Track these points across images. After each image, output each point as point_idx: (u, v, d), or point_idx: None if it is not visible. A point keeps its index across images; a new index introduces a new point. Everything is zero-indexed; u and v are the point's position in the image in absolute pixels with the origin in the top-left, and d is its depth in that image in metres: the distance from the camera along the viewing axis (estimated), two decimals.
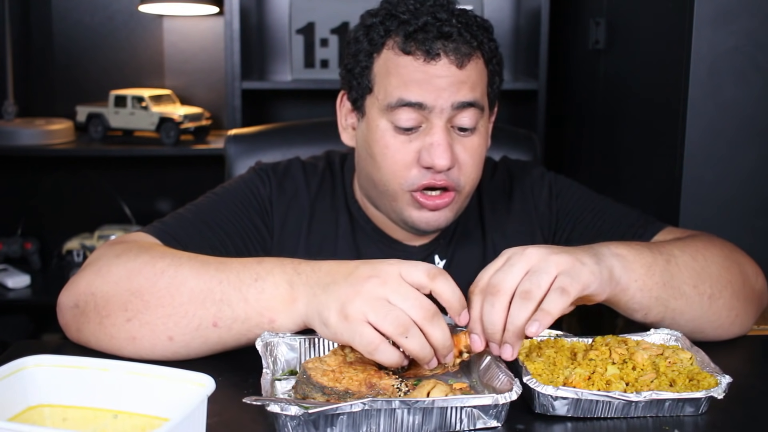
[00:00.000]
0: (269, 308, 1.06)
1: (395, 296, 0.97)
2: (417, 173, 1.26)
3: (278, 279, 1.06)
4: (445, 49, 1.24)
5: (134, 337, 1.08)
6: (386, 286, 0.98)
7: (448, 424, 0.91)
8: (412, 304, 0.97)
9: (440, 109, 1.24)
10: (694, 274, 1.17)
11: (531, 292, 0.99)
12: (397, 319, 0.95)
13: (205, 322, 1.07)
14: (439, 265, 1.39)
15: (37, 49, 3.07)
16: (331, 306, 0.99)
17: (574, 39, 2.60)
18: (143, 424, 0.83)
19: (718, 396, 0.95)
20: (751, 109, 1.72)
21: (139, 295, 1.08)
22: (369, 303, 0.96)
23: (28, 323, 3.01)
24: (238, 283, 1.07)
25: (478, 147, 1.30)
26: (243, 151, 1.72)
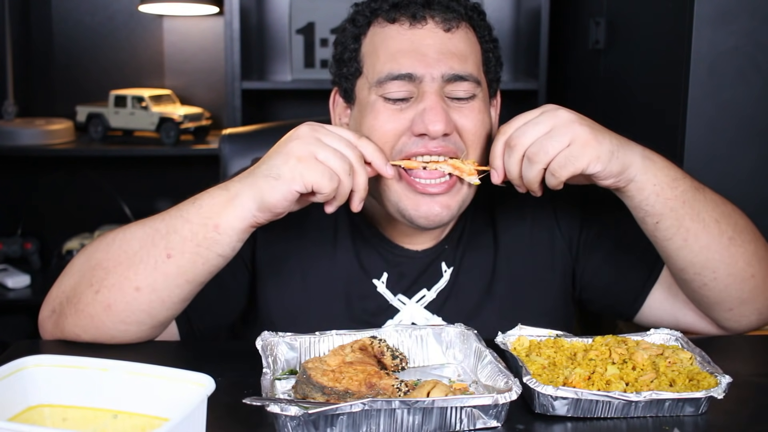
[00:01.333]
0: (210, 215, 1.10)
1: (329, 139, 1.09)
2: (409, 141, 1.20)
3: (213, 191, 1.12)
4: (431, 13, 1.22)
5: (108, 304, 1.13)
6: (318, 131, 1.10)
7: (448, 424, 0.91)
8: (346, 144, 1.11)
9: (431, 78, 1.20)
10: (719, 211, 1.19)
11: (537, 156, 1.11)
12: (342, 159, 1.09)
13: (160, 258, 1.11)
14: (446, 273, 1.32)
15: (37, 49, 3.07)
16: (274, 163, 1.08)
17: (574, 39, 2.60)
18: (143, 424, 0.83)
19: (718, 396, 0.95)
20: (751, 109, 1.72)
21: (98, 265, 1.14)
22: (310, 144, 1.08)
23: (28, 323, 3.01)
24: (179, 211, 1.13)
25: (480, 113, 1.23)
26: (238, 151, 1.71)
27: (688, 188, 1.17)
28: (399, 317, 1.30)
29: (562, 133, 1.10)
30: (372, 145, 1.14)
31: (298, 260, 1.32)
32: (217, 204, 1.10)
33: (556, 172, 1.11)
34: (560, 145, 1.10)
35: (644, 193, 1.15)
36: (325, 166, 1.07)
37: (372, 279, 1.31)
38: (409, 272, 1.32)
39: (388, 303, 1.31)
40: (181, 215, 1.12)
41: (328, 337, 1.09)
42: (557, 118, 1.11)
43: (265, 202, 1.08)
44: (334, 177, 1.08)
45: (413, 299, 1.31)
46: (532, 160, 1.11)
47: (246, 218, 1.09)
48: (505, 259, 1.34)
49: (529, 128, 1.11)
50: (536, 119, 1.12)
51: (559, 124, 1.11)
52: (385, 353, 1.06)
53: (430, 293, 1.31)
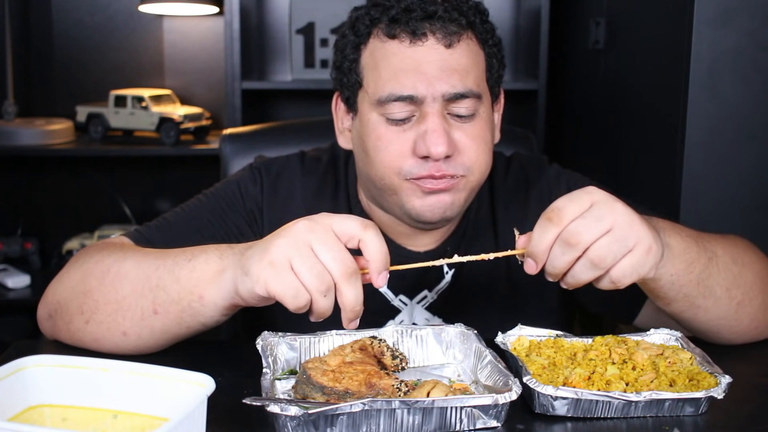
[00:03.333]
0: (198, 284, 1.02)
1: (319, 245, 0.93)
2: (413, 163, 1.19)
3: (210, 255, 1.03)
4: (432, 29, 1.19)
5: (96, 338, 1.11)
6: (312, 232, 0.93)
7: (448, 424, 0.91)
8: (335, 257, 0.93)
9: (432, 98, 1.18)
10: (731, 277, 1.14)
11: (604, 261, 0.96)
12: (320, 276, 0.92)
13: (147, 310, 1.07)
14: (448, 275, 1.32)
15: (37, 49, 3.07)
16: (254, 256, 0.95)
17: (574, 39, 2.60)
18: (143, 424, 0.83)
19: (718, 396, 0.95)
20: (751, 109, 1.72)
21: (90, 295, 1.11)
22: (294, 247, 0.93)
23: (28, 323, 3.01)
24: (173, 266, 1.05)
25: (481, 132, 1.22)
26: (238, 151, 1.70)
27: (702, 268, 1.10)
28: (400, 318, 1.30)
29: (627, 236, 0.96)
30: (378, 247, 0.96)
31: None
32: (207, 273, 1.02)
33: (619, 281, 0.98)
34: (624, 250, 0.96)
35: (660, 282, 1.08)
36: (294, 280, 0.93)
37: None
38: (410, 273, 1.30)
39: (390, 303, 1.31)
40: (173, 272, 1.05)
41: (328, 337, 1.09)
42: (617, 213, 0.97)
43: (238, 292, 0.99)
44: (302, 295, 0.93)
45: (414, 300, 1.31)
46: (597, 265, 0.96)
47: (227, 297, 1.01)
48: (505, 262, 1.34)
49: (590, 225, 0.96)
50: (593, 213, 0.96)
51: (622, 223, 0.96)
52: (385, 353, 1.05)
53: (432, 294, 1.32)
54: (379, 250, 0.95)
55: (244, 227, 1.32)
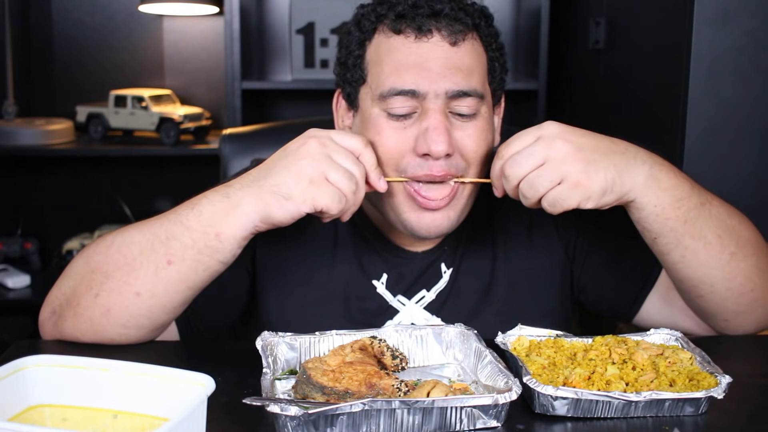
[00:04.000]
0: (211, 224, 1.09)
1: (337, 155, 1.09)
2: (413, 161, 1.19)
3: (212, 197, 1.11)
4: (438, 26, 1.19)
5: (108, 309, 1.12)
6: (326, 147, 1.09)
7: (448, 424, 0.91)
8: (353, 161, 1.10)
9: (434, 95, 1.18)
10: (724, 227, 1.18)
11: (528, 192, 1.10)
12: (351, 179, 1.09)
13: (160, 264, 1.11)
14: (446, 275, 1.32)
15: (37, 49, 3.07)
16: (285, 181, 1.07)
17: (574, 39, 2.60)
18: (143, 424, 0.83)
19: (718, 396, 0.95)
20: (751, 109, 1.72)
21: (98, 269, 1.14)
22: (322, 162, 1.07)
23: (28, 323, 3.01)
24: (178, 217, 1.11)
25: (482, 132, 1.22)
26: (238, 151, 1.70)
27: (692, 207, 1.15)
28: (398, 318, 1.30)
29: (552, 170, 1.08)
30: (373, 158, 1.14)
31: (298, 262, 1.32)
32: (219, 211, 1.09)
33: (547, 209, 1.11)
34: (550, 184, 1.09)
35: (643, 212, 1.14)
36: (335, 189, 1.08)
37: (372, 280, 1.31)
38: (408, 273, 1.32)
39: (388, 304, 1.31)
40: (181, 221, 1.11)
41: (328, 337, 1.09)
42: (552, 149, 1.09)
43: (271, 217, 1.08)
44: (343, 199, 1.08)
45: (413, 300, 1.31)
46: (524, 194, 1.11)
47: (248, 228, 1.09)
48: (503, 261, 1.34)
49: (522, 159, 1.10)
50: (530, 149, 1.10)
51: (552, 158, 1.09)
52: (385, 353, 1.05)
53: (430, 294, 1.32)
54: (375, 164, 1.14)
55: None
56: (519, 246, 1.35)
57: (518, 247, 1.35)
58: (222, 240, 1.09)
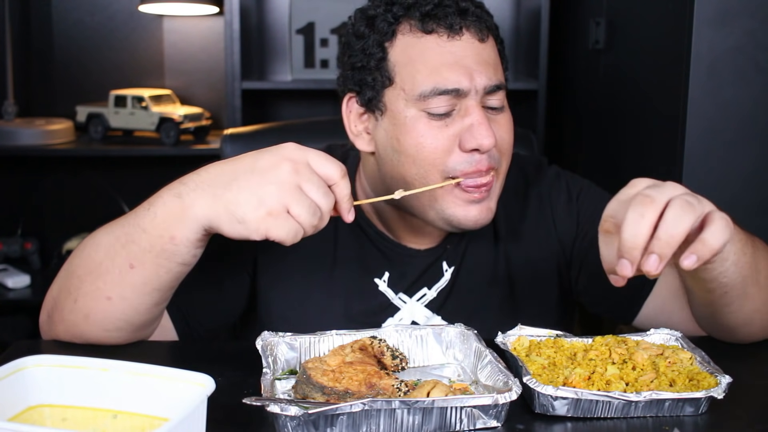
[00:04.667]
0: (165, 227, 1.04)
1: (308, 185, 0.99)
2: (459, 158, 1.20)
3: (166, 198, 1.05)
4: (465, 24, 1.21)
5: (86, 314, 1.11)
6: (299, 174, 0.99)
7: (448, 424, 0.91)
8: (324, 193, 1.00)
9: (475, 91, 1.20)
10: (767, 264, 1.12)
11: (693, 204, 0.89)
12: (315, 213, 1.00)
13: (123, 268, 1.07)
14: (447, 272, 1.33)
15: (37, 49, 3.07)
16: (244, 201, 0.99)
17: (574, 39, 2.60)
18: (143, 424, 0.83)
19: (718, 396, 0.95)
20: (751, 109, 1.72)
21: (74, 273, 1.13)
22: (288, 193, 0.98)
23: (28, 323, 3.01)
24: (135, 219, 1.07)
25: (509, 123, 1.26)
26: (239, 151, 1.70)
27: (752, 249, 1.06)
28: (399, 315, 1.31)
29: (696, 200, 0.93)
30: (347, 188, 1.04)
31: (299, 260, 1.32)
32: (171, 214, 1.04)
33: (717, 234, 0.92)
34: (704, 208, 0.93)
35: (726, 263, 1.03)
36: (294, 222, 0.99)
37: (374, 278, 1.32)
38: (410, 271, 1.33)
39: (389, 301, 1.31)
40: (138, 224, 1.07)
41: (328, 337, 1.09)
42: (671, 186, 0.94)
43: (219, 230, 1.02)
44: (300, 232, 1.00)
45: (414, 298, 1.32)
46: (688, 207, 0.90)
47: (199, 231, 1.03)
48: (504, 260, 1.35)
49: (658, 188, 0.92)
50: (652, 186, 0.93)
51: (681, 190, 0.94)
52: (385, 353, 1.06)
53: (431, 292, 1.32)
54: (348, 192, 1.04)
55: None
56: (519, 245, 1.36)
57: (519, 246, 1.36)
58: (177, 243, 1.04)
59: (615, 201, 0.95)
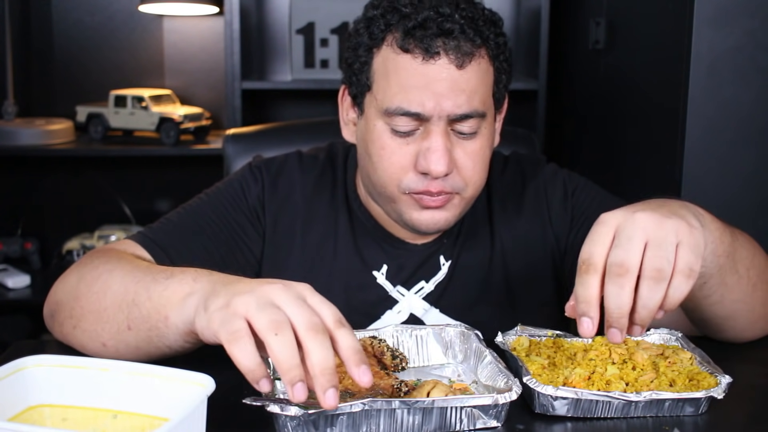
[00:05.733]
0: (166, 304, 0.97)
1: (287, 302, 0.84)
2: (414, 177, 1.22)
3: (188, 275, 0.98)
4: (445, 48, 1.18)
5: (82, 345, 1.10)
6: (284, 293, 0.85)
7: (448, 424, 0.91)
8: (301, 312, 0.83)
9: (438, 117, 1.19)
10: (749, 255, 1.12)
11: (663, 271, 0.89)
12: (275, 315, 0.82)
13: (122, 325, 1.03)
14: (444, 267, 1.35)
15: (37, 49, 3.07)
16: (221, 295, 0.88)
17: (574, 39, 2.60)
18: (143, 424, 0.83)
19: (718, 396, 0.95)
20: (751, 109, 1.72)
21: (79, 301, 1.09)
22: (257, 300, 0.84)
23: (28, 323, 3.01)
24: (151, 282, 1.01)
25: (480, 150, 1.24)
26: (241, 151, 1.72)
27: (730, 239, 1.06)
28: (398, 308, 1.33)
29: (663, 237, 0.91)
30: (350, 341, 0.84)
31: (302, 255, 1.35)
32: (177, 294, 0.96)
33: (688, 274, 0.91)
34: (674, 248, 0.91)
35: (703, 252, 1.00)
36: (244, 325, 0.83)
37: (372, 271, 1.34)
38: (408, 264, 1.35)
39: (387, 294, 1.34)
40: (148, 289, 1.00)
41: None
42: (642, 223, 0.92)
43: (198, 315, 0.91)
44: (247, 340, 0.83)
45: (412, 291, 1.34)
46: (659, 278, 0.90)
47: (187, 323, 0.94)
48: (501, 254, 1.37)
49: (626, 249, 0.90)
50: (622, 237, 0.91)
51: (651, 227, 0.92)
52: (385, 353, 1.06)
53: (429, 285, 1.35)
54: (353, 347, 0.84)
55: (246, 225, 1.33)
56: (515, 240, 1.38)
57: (515, 240, 1.38)
58: (168, 326, 0.97)
59: (588, 243, 0.94)
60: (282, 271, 1.33)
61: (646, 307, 0.90)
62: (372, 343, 1.06)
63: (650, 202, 0.99)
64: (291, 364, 0.80)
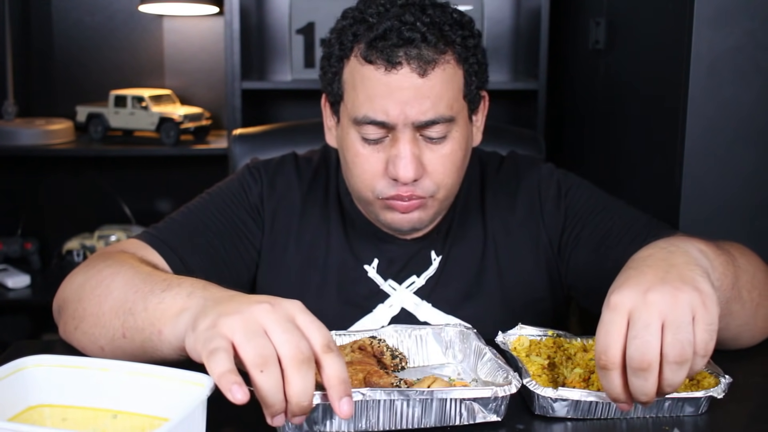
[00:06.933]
0: (160, 318, 0.96)
1: (275, 327, 0.83)
2: (385, 183, 1.25)
3: (183, 290, 0.97)
4: (407, 57, 1.19)
5: (82, 346, 1.10)
6: (271, 314, 0.84)
7: (447, 418, 0.91)
8: (288, 339, 0.82)
9: (403, 124, 1.21)
10: (749, 278, 1.11)
11: (685, 355, 0.86)
12: (262, 348, 0.81)
13: (117, 332, 1.03)
14: (435, 261, 1.36)
15: (37, 49, 3.07)
16: (210, 315, 0.87)
17: (574, 39, 2.60)
18: (143, 424, 0.84)
19: (718, 396, 0.95)
20: (751, 109, 1.72)
21: (81, 303, 1.10)
22: (244, 323, 0.83)
23: (28, 323, 3.01)
24: (148, 293, 1.00)
25: (451, 154, 1.25)
26: (248, 151, 1.74)
27: (733, 269, 1.06)
28: (389, 302, 1.35)
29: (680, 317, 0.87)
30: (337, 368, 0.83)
31: (296, 251, 1.38)
32: (171, 308, 0.96)
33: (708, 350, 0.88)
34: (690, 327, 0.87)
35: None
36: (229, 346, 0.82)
37: (363, 265, 1.37)
38: (398, 259, 1.37)
39: (379, 288, 1.36)
40: (145, 299, 1.00)
41: None
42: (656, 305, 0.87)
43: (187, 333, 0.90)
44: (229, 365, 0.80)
45: (403, 285, 1.36)
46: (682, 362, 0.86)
47: (180, 338, 0.93)
48: (492, 250, 1.39)
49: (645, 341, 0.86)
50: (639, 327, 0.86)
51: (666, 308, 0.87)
52: (385, 353, 1.06)
53: (420, 280, 1.36)
54: (338, 376, 0.83)
55: (248, 221, 1.37)
56: (507, 236, 1.39)
57: (506, 237, 1.39)
58: (161, 339, 0.96)
59: (603, 334, 0.89)
60: (279, 266, 1.37)
61: (671, 386, 0.88)
62: (372, 343, 1.06)
63: (655, 263, 0.94)
64: (274, 399, 0.81)
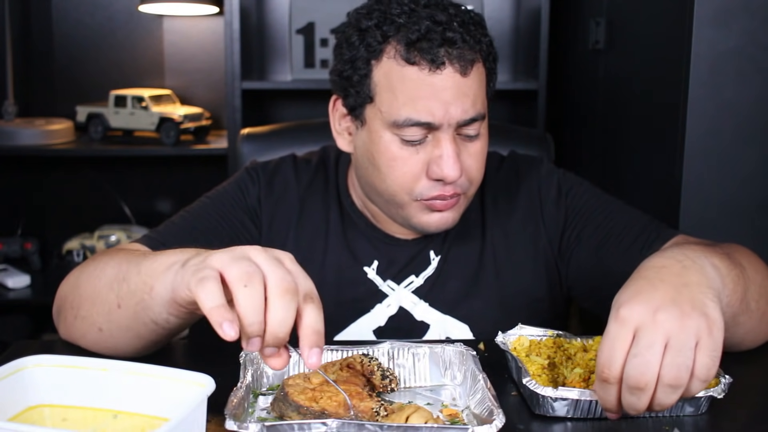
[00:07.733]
0: (152, 275, 0.95)
1: (263, 260, 0.84)
2: (426, 184, 1.25)
3: (177, 251, 0.97)
4: (450, 57, 1.21)
5: (82, 334, 1.11)
6: (262, 253, 0.85)
7: None
8: (275, 270, 0.83)
9: (447, 125, 1.22)
10: (757, 288, 1.11)
11: (680, 379, 0.87)
12: (248, 267, 0.82)
13: (113, 305, 1.03)
14: (434, 261, 1.37)
15: (37, 49, 3.07)
16: (201, 255, 0.89)
17: (574, 39, 2.60)
18: (143, 424, 0.84)
19: (718, 396, 0.95)
20: (751, 109, 1.71)
21: (79, 291, 1.11)
22: (233, 254, 0.84)
23: (28, 323, 3.01)
24: (143, 259, 0.99)
25: (482, 150, 1.29)
26: (255, 150, 1.74)
27: (744, 283, 1.05)
28: (387, 301, 1.36)
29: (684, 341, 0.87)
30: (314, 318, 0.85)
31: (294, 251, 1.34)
32: (161, 264, 0.95)
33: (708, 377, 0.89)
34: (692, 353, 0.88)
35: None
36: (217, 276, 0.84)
37: (363, 266, 1.37)
38: (398, 259, 1.38)
39: (377, 288, 1.36)
40: (138, 264, 0.99)
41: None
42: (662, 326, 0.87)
43: (177, 276, 0.91)
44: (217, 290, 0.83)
45: (402, 285, 1.37)
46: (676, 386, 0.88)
47: (169, 290, 0.92)
48: (491, 250, 1.39)
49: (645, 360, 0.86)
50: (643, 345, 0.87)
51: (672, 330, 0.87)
52: (375, 372, 1.02)
53: (418, 279, 1.37)
54: (313, 326, 0.84)
55: (247, 222, 1.38)
56: (507, 238, 1.39)
57: (506, 238, 1.39)
58: (153, 296, 0.95)
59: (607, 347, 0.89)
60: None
61: (661, 407, 0.89)
62: (362, 361, 1.03)
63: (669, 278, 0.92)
64: (253, 319, 0.80)
